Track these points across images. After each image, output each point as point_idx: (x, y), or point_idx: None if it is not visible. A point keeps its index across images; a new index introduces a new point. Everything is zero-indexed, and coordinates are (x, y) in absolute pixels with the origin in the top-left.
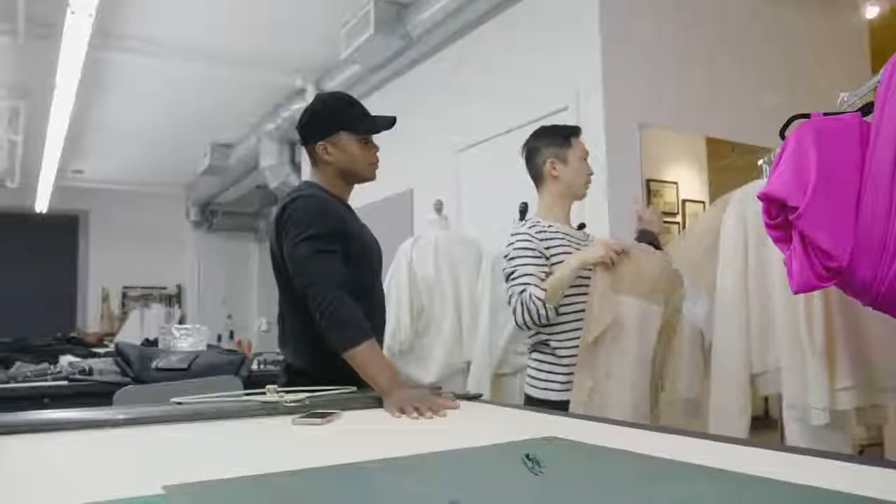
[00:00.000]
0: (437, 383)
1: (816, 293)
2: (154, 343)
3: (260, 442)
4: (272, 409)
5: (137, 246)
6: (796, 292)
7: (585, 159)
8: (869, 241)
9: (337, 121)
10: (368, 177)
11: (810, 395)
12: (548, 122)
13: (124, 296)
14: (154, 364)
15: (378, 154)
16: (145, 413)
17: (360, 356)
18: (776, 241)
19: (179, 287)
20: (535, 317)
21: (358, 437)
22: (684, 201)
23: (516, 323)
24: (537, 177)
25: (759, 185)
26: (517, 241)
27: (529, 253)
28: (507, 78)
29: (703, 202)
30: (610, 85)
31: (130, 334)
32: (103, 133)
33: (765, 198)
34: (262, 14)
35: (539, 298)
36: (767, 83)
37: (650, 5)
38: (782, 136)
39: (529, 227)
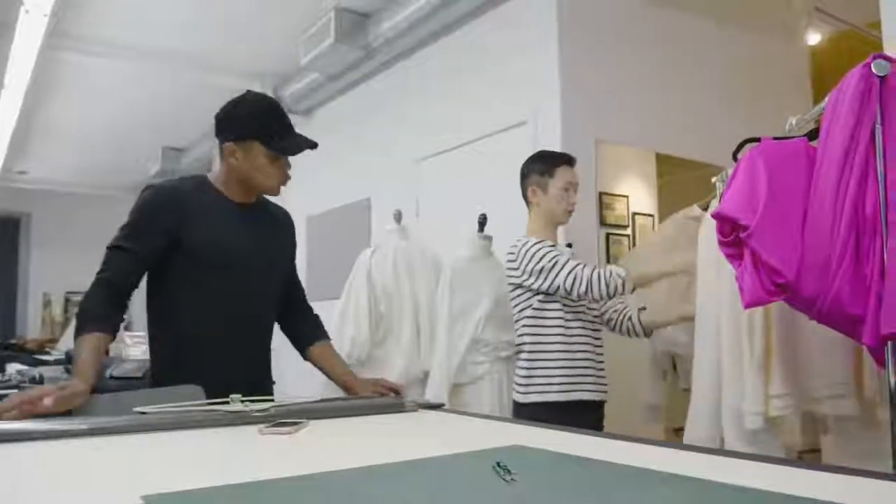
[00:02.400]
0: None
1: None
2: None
3: (230, 452)
4: (237, 419)
5: (82, 250)
6: (747, 307)
7: (569, 190)
8: (814, 259)
9: (254, 129)
10: (269, 192)
11: (746, 401)
12: (507, 136)
13: (67, 301)
14: (108, 372)
15: (289, 172)
16: (109, 423)
17: (76, 343)
18: (728, 257)
19: None
20: (614, 291)
21: (328, 446)
22: (634, 214)
23: (590, 293)
24: (525, 200)
25: None
26: (535, 244)
27: (557, 248)
28: (467, 91)
29: (651, 215)
30: (567, 100)
31: (72, 341)
32: (50, 133)
33: (718, 217)
34: (221, 18)
35: (620, 276)
36: (715, 103)
37: (607, 25)
38: (735, 159)
39: (529, 239)
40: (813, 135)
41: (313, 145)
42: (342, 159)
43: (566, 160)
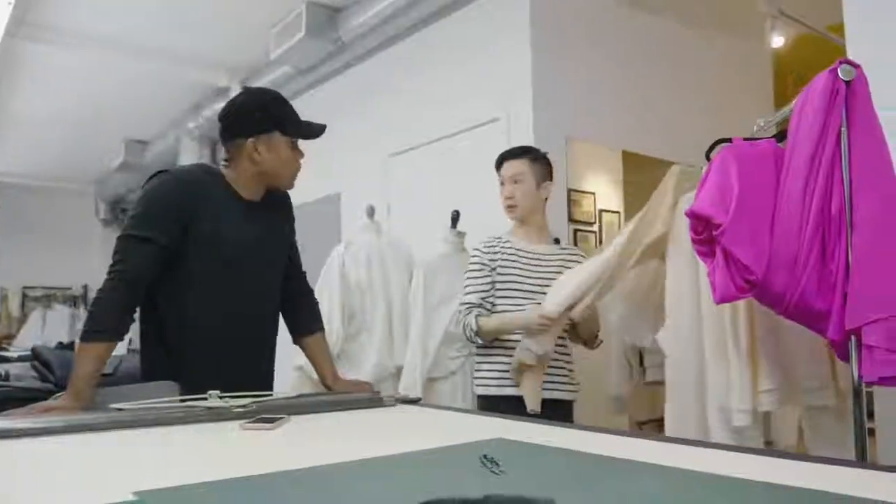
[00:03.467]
0: (371, 383)
1: (742, 302)
2: (69, 347)
3: (215, 448)
4: (218, 415)
5: (40, 243)
6: (718, 302)
7: (504, 184)
8: (782, 256)
9: (273, 120)
10: (288, 185)
11: (733, 398)
12: (479, 133)
13: (24, 296)
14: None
15: (301, 161)
16: (87, 420)
17: (78, 350)
18: (700, 255)
19: (85, 287)
20: (468, 338)
21: (312, 441)
22: (601, 211)
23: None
24: None
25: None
26: (472, 254)
27: (476, 268)
28: (440, 87)
29: (618, 212)
30: (539, 98)
31: (31, 336)
32: (9, 124)
33: (692, 215)
34: (189, 9)
35: (473, 329)
36: (680, 103)
37: (579, 23)
38: (707, 158)
39: (483, 242)
40: (780, 136)
41: (324, 127)
42: (312, 154)
43: (503, 156)
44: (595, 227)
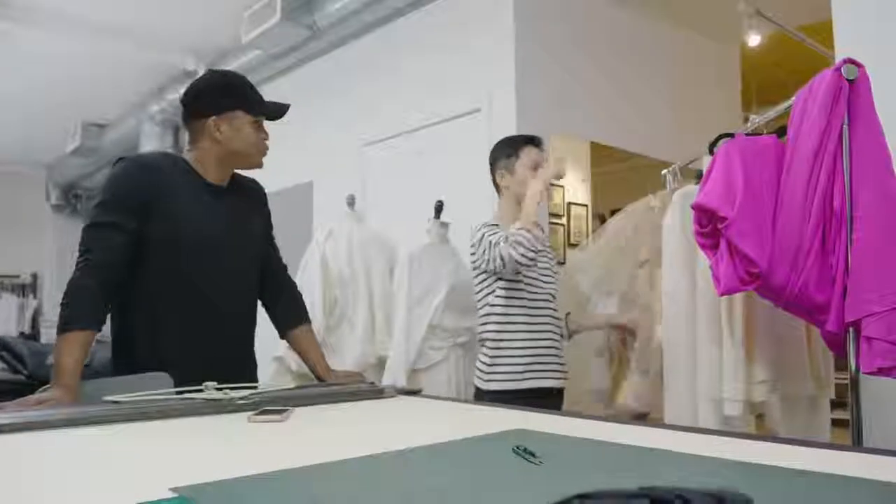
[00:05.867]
0: (363, 375)
1: (738, 294)
2: (32, 337)
3: (231, 440)
4: (219, 407)
5: None
6: (722, 294)
7: (536, 169)
8: (784, 250)
9: (235, 98)
10: (256, 163)
11: (725, 388)
12: (460, 123)
13: None
14: (49, 360)
15: (268, 142)
16: (85, 413)
17: (58, 342)
18: (703, 247)
19: (35, 276)
20: (523, 248)
21: (328, 432)
22: (570, 204)
23: (513, 263)
24: (495, 187)
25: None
26: (482, 228)
27: (495, 230)
28: (419, 76)
29: (586, 205)
30: (522, 90)
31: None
32: None
33: (698, 208)
34: None
35: (519, 231)
36: (651, 97)
37: (562, 15)
38: (711, 152)
39: (484, 223)
40: (781, 132)
41: (286, 108)
42: (283, 141)
43: (530, 140)
44: (564, 220)
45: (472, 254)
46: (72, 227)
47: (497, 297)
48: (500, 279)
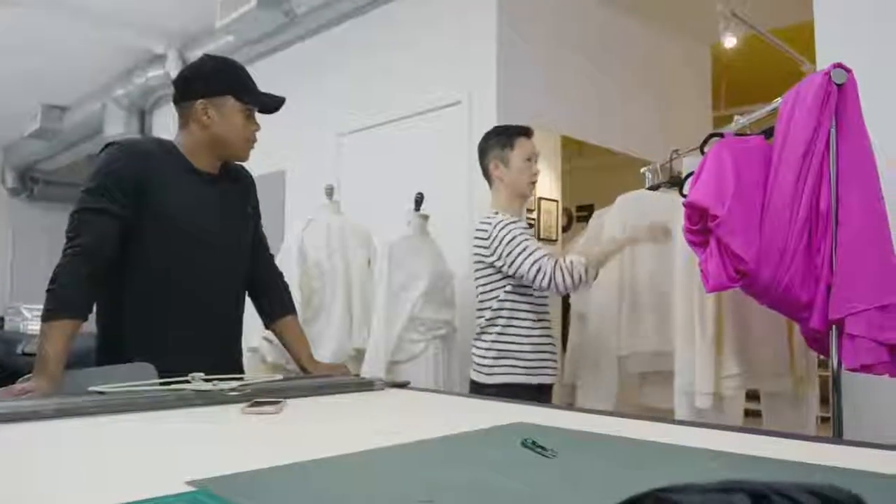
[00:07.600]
0: (347, 367)
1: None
2: None
3: (229, 431)
4: (210, 398)
5: None
6: (710, 291)
7: (530, 160)
8: (771, 248)
9: (227, 83)
10: (241, 155)
11: (698, 382)
12: (440, 115)
13: None
14: (20, 349)
15: (257, 134)
16: (73, 404)
17: (43, 330)
18: (692, 244)
19: None
20: (578, 281)
21: (327, 424)
22: (540, 199)
23: (554, 286)
24: (486, 177)
25: (633, 196)
26: (508, 224)
27: (522, 228)
28: (398, 67)
29: (556, 201)
30: (503, 84)
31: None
32: None
33: (690, 206)
34: None
35: (583, 265)
36: (627, 95)
37: (541, 12)
38: (702, 151)
39: (503, 217)
40: (768, 133)
41: (282, 101)
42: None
43: (524, 131)
44: (535, 215)
45: (481, 247)
46: (28, 211)
47: (507, 292)
48: (509, 276)
